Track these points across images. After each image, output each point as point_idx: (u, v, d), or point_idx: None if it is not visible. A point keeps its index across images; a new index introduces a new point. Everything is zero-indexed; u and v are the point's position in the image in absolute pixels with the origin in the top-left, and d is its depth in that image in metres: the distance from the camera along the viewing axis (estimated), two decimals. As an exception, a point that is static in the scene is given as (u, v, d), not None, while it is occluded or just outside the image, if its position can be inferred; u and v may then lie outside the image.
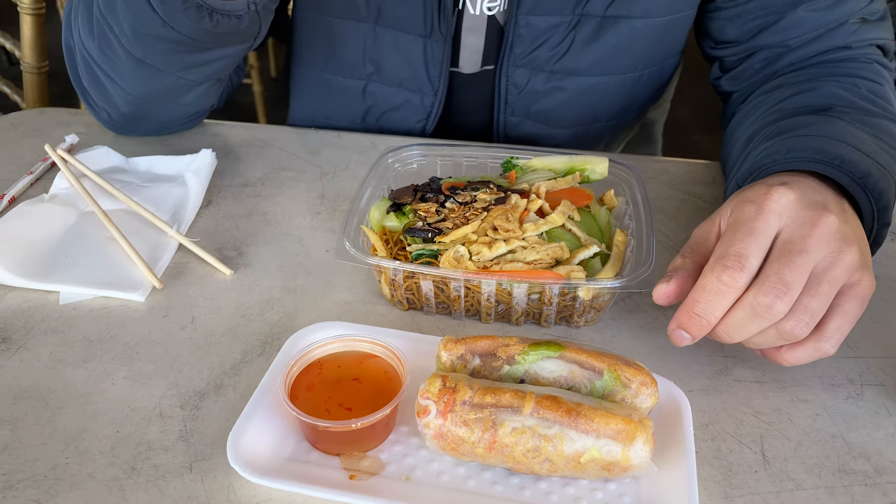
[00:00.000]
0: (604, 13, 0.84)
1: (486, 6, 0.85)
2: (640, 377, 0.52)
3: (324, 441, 0.52)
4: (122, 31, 0.74)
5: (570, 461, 0.49)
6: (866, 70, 0.82)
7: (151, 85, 0.80)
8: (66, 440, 0.54)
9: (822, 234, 0.54)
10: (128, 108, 0.84)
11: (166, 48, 0.74)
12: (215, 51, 0.77)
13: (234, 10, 0.71)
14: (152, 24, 0.71)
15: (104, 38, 0.76)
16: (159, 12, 0.69)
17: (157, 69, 0.77)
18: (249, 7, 0.72)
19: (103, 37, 0.76)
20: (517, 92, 0.90)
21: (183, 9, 0.68)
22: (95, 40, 0.77)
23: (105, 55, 0.78)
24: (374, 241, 0.67)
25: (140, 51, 0.75)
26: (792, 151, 0.64)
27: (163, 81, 0.79)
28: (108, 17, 0.74)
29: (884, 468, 0.53)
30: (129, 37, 0.73)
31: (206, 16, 0.69)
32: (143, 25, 0.71)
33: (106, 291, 0.67)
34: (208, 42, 0.74)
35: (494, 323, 0.66)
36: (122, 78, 0.79)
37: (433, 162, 0.78)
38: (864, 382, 0.60)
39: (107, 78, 0.81)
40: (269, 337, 0.64)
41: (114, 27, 0.74)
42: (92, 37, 0.78)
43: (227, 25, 0.71)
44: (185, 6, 0.68)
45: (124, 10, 0.71)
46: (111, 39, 0.75)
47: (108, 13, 0.74)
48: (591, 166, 0.74)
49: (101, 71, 0.80)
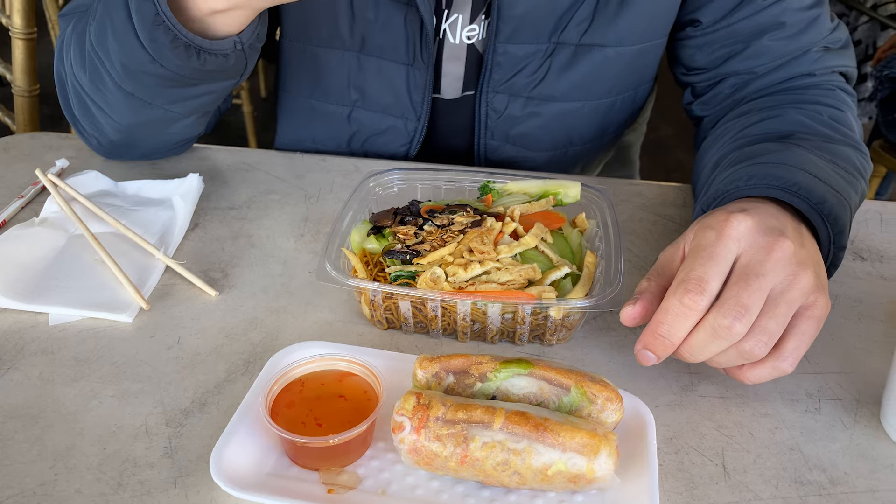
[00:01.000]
0: (578, 41, 0.88)
1: (466, 35, 0.89)
2: (605, 393, 0.54)
3: (303, 456, 0.54)
4: (113, 65, 0.76)
5: (537, 474, 0.51)
6: (829, 97, 0.85)
7: (140, 116, 0.82)
8: (54, 457, 0.56)
9: (778, 258, 0.57)
10: (117, 137, 0.87)
11: (155, 83, 0.77)
12: (203, 86, 0.79)
13: (221, 50, 0.74)
14: (141, 61, 0.73)
15: (95, 72, 0.79)
16: (148, 50, 0.72)
17: (145, 102, 0.80)
18: (235, 46, 0.74)
19: (94, 70, 0.79)
20: (496, 117, 0.94)
21: (171, 48, 0.71)
22: (87, 73, 0.80)
23: (96, 87, 0.80)
24: (355, 263, 0.69)
25: (129, 85, 0.78)
26: (753, 178, 0.67)
27: (151, 113, 0.82)
28: (100, 52, 0.76)
29: (838, 479, 0.56)
30: (120, 71, 0.76)
31: (193, 54, 0.72)
32: (132, 62, 0.74)
33: (94, 312, 0.69)
34: (196, 78, 0.77)
35: (471, 342, 0.68)
36: (111, 109, 0.82)
37: (413, 186, 0.81)
38: (822, 397, 0.63)
39: (97, 108, 0.83)
40: (252, 356, 0.66)
41: (105, 62, 0.77)
42: (84, 70, 0.80)
43: (214, 63, 0.74)
44: (174, 45, 0.71)
45: (115, 47, 0.74)
46: (102, 73, 0.78)
47: (99, 48, 0.76)
48: (565, 190, 0.77)
49: (91, 102, 0.83)
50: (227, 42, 0.74)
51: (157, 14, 0.69)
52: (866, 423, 0.61)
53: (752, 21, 0.86)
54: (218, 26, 0.73)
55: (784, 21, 0.86)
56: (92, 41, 0.77)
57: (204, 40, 0.72)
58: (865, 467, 0.57)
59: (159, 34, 0.70)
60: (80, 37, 0.80)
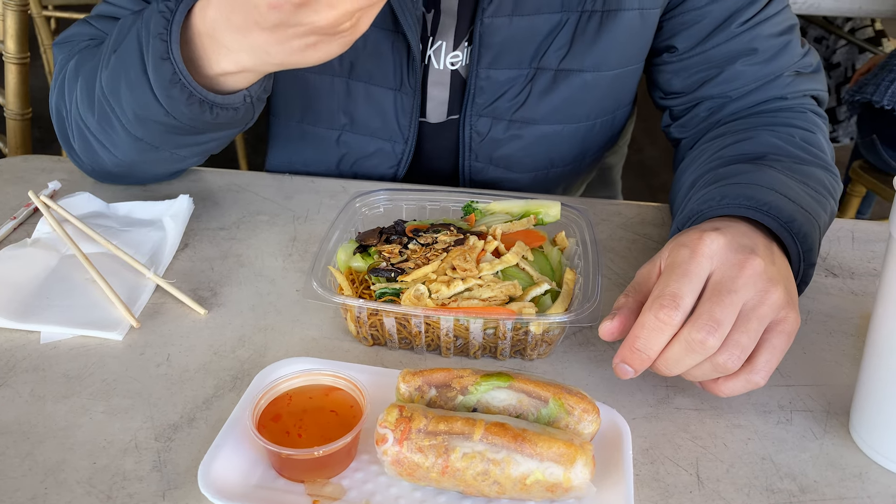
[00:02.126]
0: (557, 67, 0.91)
1: (449, 61, 0.91)
2: (582, 405, 0.56)
3: (288, 468, 0.56)
4: (124, 113, 0.79)
5: (516, 483, 0.53)
6: (801, 119, 0.88)
7: (144, 157, 0.85)
8: (45, 472, 0.57)
9: (749, 275, 0.59)
10: (116, 169, 0.89)
11: (165, 130, 0.79)
12: (211, 134, 0.83)
13: (233, 104, 0.76)
14: (155, 113, 0.76)
15: (104, 116, 0.81)
16: (163, 105, 0.74)
17: (153, 146, 0.83)
18: (245, 100, 0.77)
19: (104, 114, 0.81)
20: (480, 139, 0.96)
21: (187, 104, 0.74)
22: (95, 116, 0.82)
23: (103, 129, 0.83)
24: (341, 281, 0.71)
25: (140, 131, 0.80)
26: (726, 198, 0.70)
27: (156, 155, 0.85)
28: (111, 100, 0.79)
29: (807, 487, 0.58)
30: (131, 119, 0.79)
31: (206, 109, 0.75)
32: (145, 112, 0.77)
33: (85, 331, 0.71)
34: (206, 128, 0.80)
35: (454, 357, 0.70)
36: (116, 148, 0.84)
37: (399, 206, 0.83)
38: (793, 409, 0.65)
39: (100, 146, 0.85)
40: (240, 373, 0.67)
41: (116, 108, 0.79)
42: (92, 112, 0.82)
43: (225, 116, 0.77)
44: (189, 102, 0.74)
45: (128, 97, 0.77)
46: (112, 118, 0.80)
47: (111, 96, 0.78)
48: (545, 210, 0.79)
49: (95, 140, 0.85)
50: (238, 96, 0.76)
51: (175, 73, 0.72)
52: (836, 434, 0.63)
53: (725, 47, 0.90)
54: (228, 84, 0.75)
55: (756, 47, 0.89)
56: (103, 88, 0.79)
57: (217, 96, 0.75)
58: (834, 476, 0.59)
59: (175, 92, 0.73)
60: (87, 80, 0.82)
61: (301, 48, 0.66)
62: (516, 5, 0.86)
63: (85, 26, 0.90)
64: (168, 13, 0.72)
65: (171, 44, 0.71)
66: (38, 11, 2.39)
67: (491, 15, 0.86)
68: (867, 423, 0.61)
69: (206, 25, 0.70)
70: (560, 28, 0.88)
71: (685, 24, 0.91)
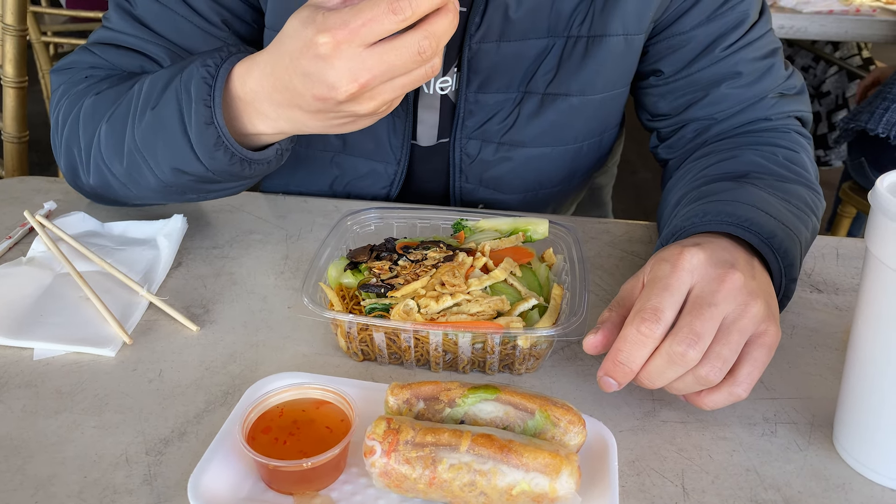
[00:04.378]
0: (544, 91, 0.93)
1: (439, 86, 0.93)
2: (568, 416, 0.57)
3: (277, 481, 0.56)
4: (159, 166, 0.79)
5: (503, 494, 0.53)
6: (784, 139, 0.90)
7: (166, 199, 0.87)
8: (36, 485, 0.58)
9: (728, 289, 0.61)
10: (127, 201, 0.90)
11: (199, 181, 0.80)
12: (240, 182, 0.83)
13: (267, 158, 0.78)
14: (195, 169, 0.77)
15: (135, 166, 0.81)
16: (204, 163, 0.75)
17: (180, 193, 0.83)
18: (277, 153, 0.78)
19: (134, 164, 0.81)
20: (469, 161, 0.98)
21: (229, 164, 0.75)
22: (124, 165, 0.82)
23: (131, 176, 0.82)
24: (331, 297, 0.72)
25: (172, 181, 0.80)
26: (708, 215, 0.72)
27: (179, 198, 0.86)
28: (146, 154, 0.79)
29: (791, 498, 0.58)
30: (166, 171, 0.79)
31: (246, 166, 0.76)
32: (183, 167, 0.77)
33: (78, 347, 0.72)
34: (238, 179, 0.81)
35: (443, 371, 0.71)
36: (139, 189, 0.84)
37: (390, 224, 0.85)
38: (778, 421, 0.66)
39: (121, 186, 0.85)
40: (231, 388, 0.68)
41: (150, 161, 0.79)
42: (120, 162, 0.82)
43: (259, 170, 0.78)
44: (231, 162, 0.74)
45: (166, 154, 0.77)
46: (143, 168, 0.80)
47: (145, 151, 0.79)
48: (534, 227, 0.80)
49: (117, 181, 0.85)
50: (271, 150, 0.77)
51: (220, 138, 0.72)
52: (820, 446, 0.63)
53: (710, 71, 0.92)
54: (262, 140, 0.77)
55: (740, 70, 0.91)
56: (137, 142, 0.78)
57: (255, 153, 0.76)
58: (818, 486, 0.59)
59: (219, 154, 0.73)
60: (115, 130, 0.81)
61: (339, 125, 0.69)
62: (503, 31, 0.88)
63: (86, 54, 0.91)
64: (210, 78, 0.71)
65: (214, 109, 0.71)
66: (38, 37, 2.42)
67: (479, 41, 0.88)
68: (850, 435, 0.61)
69: (245, 93, 0.71)
70: (547, 53, 0.90)
71: (671, 48, 0.93)
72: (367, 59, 0.60)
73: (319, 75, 0.62)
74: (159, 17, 0.88)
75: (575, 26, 0.89)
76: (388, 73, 0.61)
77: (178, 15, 0.88)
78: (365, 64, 0.61)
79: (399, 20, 0.59)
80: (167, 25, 0.88)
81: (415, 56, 0.60)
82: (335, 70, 0.61)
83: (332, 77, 0.62)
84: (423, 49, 0.60)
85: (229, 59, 0.72)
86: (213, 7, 0.89)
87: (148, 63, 0.88)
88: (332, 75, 0.62)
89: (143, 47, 0.88)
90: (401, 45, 0.60)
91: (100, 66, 0.90)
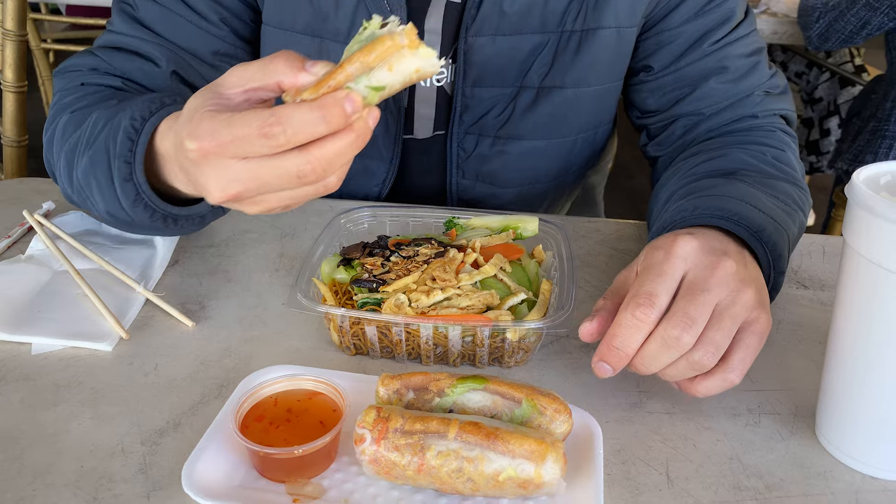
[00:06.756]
0: (539, 84, 0.95)
1: (435, 79, 0.95)
2: (554, 405, 0.58)
3: (270, 468, 0.57)
4: (97, 206, 0.77)
5: (489, 480, 0.55)
6: (772, 138, 0.92)
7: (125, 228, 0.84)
8: (33, 474, 0.59)
9: (721, 275, 0.62)
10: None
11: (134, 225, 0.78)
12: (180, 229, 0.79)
13: (198, 213, 0.74)
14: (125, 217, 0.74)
15: (83, 200, 0.80)
16: (130, 215, 0.73)
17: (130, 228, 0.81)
18: (210, 208, 0.75)
19: (82, 198, 0.80)
20: (466, 156, 1.00)
21: (150, 220, 0.73)
22: (75, 195, 0.81)
23: (84, 205, 0.82)
24: (324, 292, 0.73)
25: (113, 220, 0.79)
26: (698, 209, 0.73)
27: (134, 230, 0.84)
28: (86, 191, 0.77)
29: (773, 485, 0.60)
30: (103, 213, 0.77)
31: (171, 223, 0.74)
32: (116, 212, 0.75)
33: (75, 342, 0.73)
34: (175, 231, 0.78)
35: (434, 365, 0.72)
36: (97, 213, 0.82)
37: (383, 222, 0.86)
38: (761, 412, 0.67)
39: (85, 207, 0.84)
40: (226, 381, 0.69)
41: (90, 199, 0.78)
42: (72, 190, 0.81)
43: (190, 226, 0.76)
44: (153, 218, 0.72)
45: (100, 198, 0.75)
46: (90, 204, 0.79)
47: (86, 189, 0.77)
48: (524, 225, 0.82)
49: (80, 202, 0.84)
50: (204, 205, 0.74)
51: (139, 194, 0.70)
52: (802, 435, 0.65)
53: (698, 65, 0.94)
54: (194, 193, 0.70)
55: (727, 66, 0.93)
56: (79, 179, 0.77)
57: (181, 210, 0.73)
58: (799, 474, 0.61)
59: (139, 209, 0.71)
60: (68, 160, 0.80)
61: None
62: (498, 26, 0.90)
63: (88, 57, 0.91)
64: (134, 133, 0.69)
65: (134, 166, 0.69)
66: (37, 44, 2.45)
67: (474, 34, 0.90)
68: (831, 425, 0.63)
69: (164, 150, 0.67)
70: (542, 48, 0.92)
71: (660, 43, 0.95)
72: (240, 172, 0.54)
73: (193, 175, 0.58)
74: (159, 19, 0.90)
75: (569, 22, 0.91)
76: (264, 188, 0.55)
77: (178, 15, 0.90)
78: (237, 176, 0.54)
79: (272, 145, 0.51)
80: (167, 26, 0.90)
81: (293, 179, 0.53)
82: (205, 176, 0.56)
83: (202, 181, 0.56)
84: (304, 173, 0.53)
85: (158, 114, 0.69)
86: (211, 6, 0.90)
87: (147, 66, 0.90)
88: (202, 179, 0.56)
89: (144, 49, 0.90)
90: (278, 165, 0.53)
91: (100, 68, 0.91)
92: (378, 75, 0.52)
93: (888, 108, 2.10)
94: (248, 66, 0.56)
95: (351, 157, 0.55)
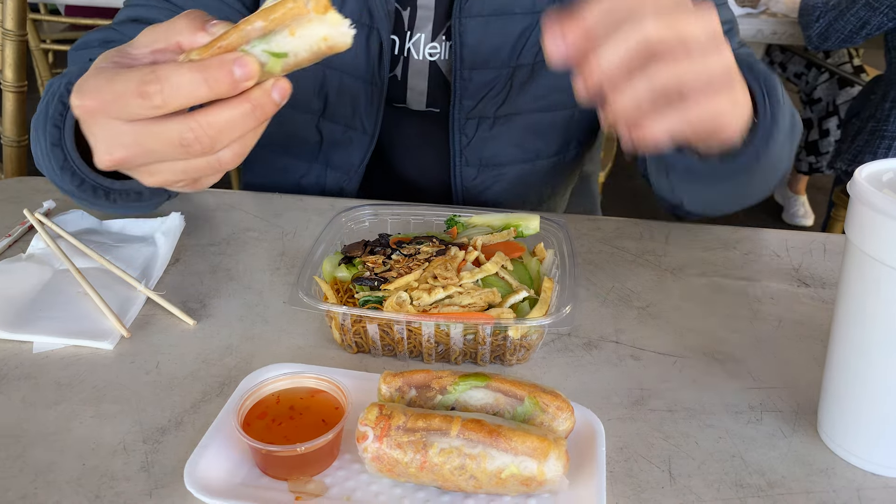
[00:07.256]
0: (534, 61, 0.95)
1: (428, 52, 0.97)
2: (556, 402, 0.58)
3: (272, 466, 0.57)
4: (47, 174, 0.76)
5: (492, 477, 0.55)
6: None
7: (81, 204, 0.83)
8: (35, 472, 0.59)
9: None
10: None
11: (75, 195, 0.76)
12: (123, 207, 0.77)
13: (132, 188, 0.71)
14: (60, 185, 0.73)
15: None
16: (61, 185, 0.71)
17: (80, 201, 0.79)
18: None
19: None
20: (468, 142, 1.00)
21: (78, 189, 0.70)
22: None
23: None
24: (326, 290, 0.73)
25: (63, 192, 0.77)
26: None
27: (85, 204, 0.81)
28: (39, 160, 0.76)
29: (775, 482, 0.60)
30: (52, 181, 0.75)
31: (101, 194, 0.71)
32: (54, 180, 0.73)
33: (77, 340, 0.73)
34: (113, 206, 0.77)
35: (436, 363, 0.72)
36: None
37: (384, 220, 0.86)
38: (764, 409, 0.67)
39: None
40: (228, 379, 0.69)
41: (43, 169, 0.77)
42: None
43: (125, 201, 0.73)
44: (82, 188, 0.69)
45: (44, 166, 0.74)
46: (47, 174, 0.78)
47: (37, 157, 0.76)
48: (525, 223, 0.82)
49: None
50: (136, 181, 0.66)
51: (66, 160, 0.67)
52: (804, 432, 0.65)
53: None
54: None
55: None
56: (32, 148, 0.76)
57: (112, 182, 0.69)
58: (801, 471, 0.61)
59: (67, 177, 0.69)
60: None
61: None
62: (491, 6, 0.92)
63: (102, 31, 0.89)
64: (66, 95, 0.65)
65: (64, 130, 0.66)
66: (37, 44, 2.45)
67: (467, 15, 0.92)
68: (833, 422, 0.63)
69: None
70: (534, 27, 0.94)
71: None
72: (124, 136, 0.50)
73: (87, 136, 0.53)
74: None
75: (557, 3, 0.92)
76: (150, 156, 0.51)
77: None
78: (121, 140, 0.50)
79: (148, 106, 0.48)
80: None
81: (176, 146, 0.49)
82: (93, 136, 0.52)
83: (91, 141, 0.53)
84: (187, 142, 0.49)
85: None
86: None
87: None
88: (91, 140, 0.53)
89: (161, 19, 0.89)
90: (160, 131, 0.49)
91: (114, 39, 0.89)
92: (278, 40, 0.47)
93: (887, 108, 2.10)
94: (158, 27, 0.52)
95: (245, 130, 0.49)
